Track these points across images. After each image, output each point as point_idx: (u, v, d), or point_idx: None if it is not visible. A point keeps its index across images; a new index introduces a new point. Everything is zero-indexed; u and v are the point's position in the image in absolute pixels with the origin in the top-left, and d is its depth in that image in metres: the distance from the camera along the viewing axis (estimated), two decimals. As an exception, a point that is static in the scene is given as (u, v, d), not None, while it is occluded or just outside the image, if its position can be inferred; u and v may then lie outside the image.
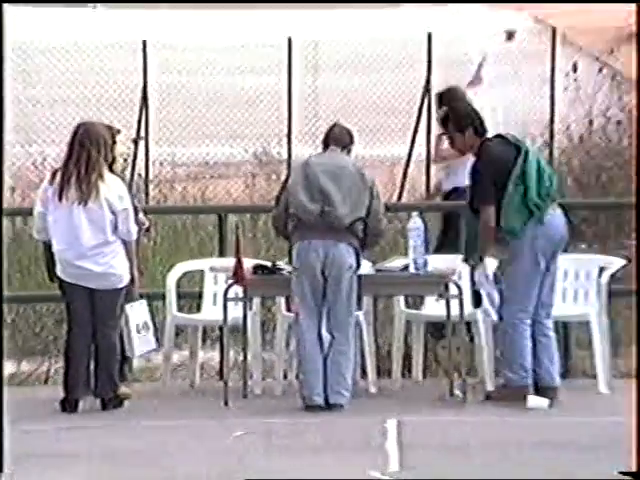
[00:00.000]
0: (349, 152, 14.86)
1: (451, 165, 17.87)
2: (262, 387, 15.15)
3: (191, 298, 16.28)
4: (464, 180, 15.75)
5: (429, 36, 26.06)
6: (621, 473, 9.98)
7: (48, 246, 15.54)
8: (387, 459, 12.53)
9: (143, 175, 25.88)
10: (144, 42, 26.22)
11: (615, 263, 15.62)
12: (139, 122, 25.69)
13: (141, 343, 15.36)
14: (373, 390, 14.88)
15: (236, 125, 30.21)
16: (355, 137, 15.35)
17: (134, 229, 14.94)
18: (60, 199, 14.65)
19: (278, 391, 15.01)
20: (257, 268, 14.86)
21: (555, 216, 14.66)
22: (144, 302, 15.41)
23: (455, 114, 15.31)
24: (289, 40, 25.90)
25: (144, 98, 25.70)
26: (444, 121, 15.44)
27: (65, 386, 14.86)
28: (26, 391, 16.07)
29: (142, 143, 26.77)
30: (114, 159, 15.63)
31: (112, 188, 14.81)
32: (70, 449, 13.61)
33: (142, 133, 27.55)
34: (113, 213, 14.68)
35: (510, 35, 34.82)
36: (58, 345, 16.46)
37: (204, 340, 16.23)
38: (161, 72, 28.01)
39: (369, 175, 15.05)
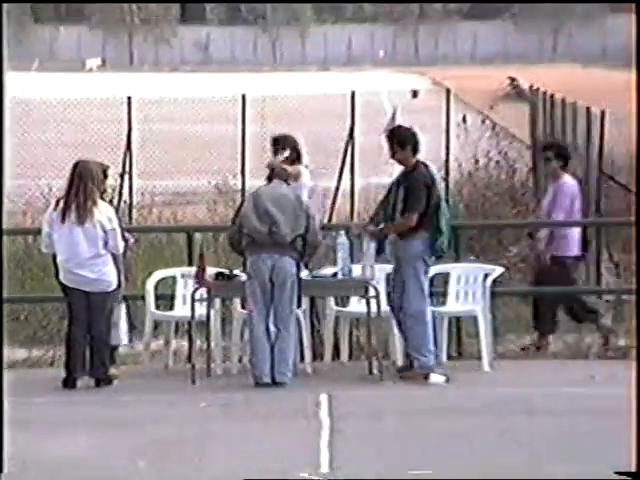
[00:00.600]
0: (288, 183, 14.96)
1: None
2: (222, 369, 15.26)
3: (165, 299, 16.18)
4: None
5: (352, 94, 26.03)
6: (621, 473, 8.74)
7: (54, 258, 15.61)
8: (320, 425, 12.74)
9: (128, 202, 25.97)
10: (129, 98, 26.23)
11: (496, 270, 15.77)
12: (124, 160, 25.82)
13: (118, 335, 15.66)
14: (309, 370, 15.00)
15: (201, 162, 30.51)
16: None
17: (121, 244, 14.99)
18: (63, 221, 14.76)
19: (234, 372, 15.17)
20: (218, 275, 14.99)
21: None
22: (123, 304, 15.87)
23: (400, 132, 15.38)
24: (243, 96, 25.89)
25: (128, 142, 25.60)
26: (390, 137, 15.36)
27: (66, 368, 14.99)
28: (36, 372, 16.24)
29: (127, 177, 26.93)
30: (105, 189, 15.95)
31: (103, 212, 14.93)
32: (69, 418, 13.86)
33: (127, 169, 27.47)
34: (104, 232, 14.75)
35: (415, 94, 34.98)
36: (61, 336, 16.36)
37: (176, 332, 16.17)
38: (142, 122, 27.98)
39: (305, 201, 15.36)
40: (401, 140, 15.17)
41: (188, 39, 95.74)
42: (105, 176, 15.75)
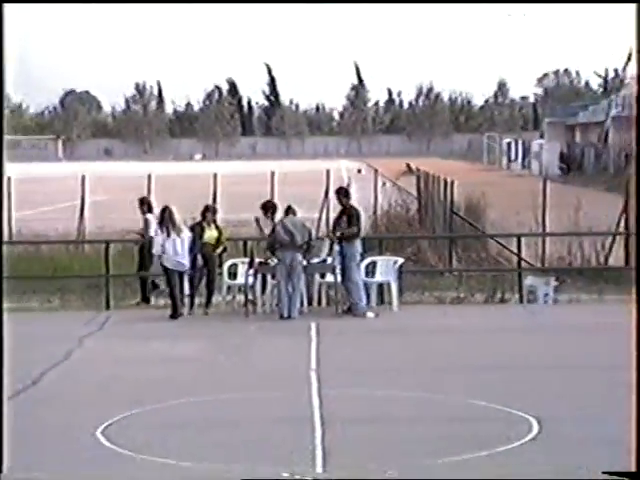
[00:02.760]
0: (295, 215, 15.62)
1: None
2: (263, 310, 15.63)
3: (233, 274, 16.05)
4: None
5: (327, 171, 24.24)
6: (621, 473, 6.42)
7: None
8: (311, 338, 13.62)
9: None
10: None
11: (399, 260, 16.16)
12: (214, 198, 21.59)
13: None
14: (306, 311, 15.40)
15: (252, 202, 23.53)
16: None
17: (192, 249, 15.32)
18: (168, 235, 15.26)
19: (268, 312, 15.50)
20: (260, 262, 15.60)
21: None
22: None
23: (342, 189, 16.28)
24: (272, 172, 23.49)
25: (214, 196, 22.00)
26: (338, 192, 16.12)
27: (173, 308, 15.35)
28: (161, 312, 15.82)
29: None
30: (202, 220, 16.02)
31: (185, 232, 15.37)
32: (181, 333, 14.52)
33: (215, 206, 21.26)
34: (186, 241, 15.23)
35: (359, 170, 35.38)
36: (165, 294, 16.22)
37: (238, 291, 16.03)
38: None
39: (307, 224, 16.00)
40: (343, 193, 16.02)
41: (243, 143, 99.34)
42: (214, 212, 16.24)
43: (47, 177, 27.40)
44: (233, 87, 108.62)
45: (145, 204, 17.01)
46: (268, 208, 16.32)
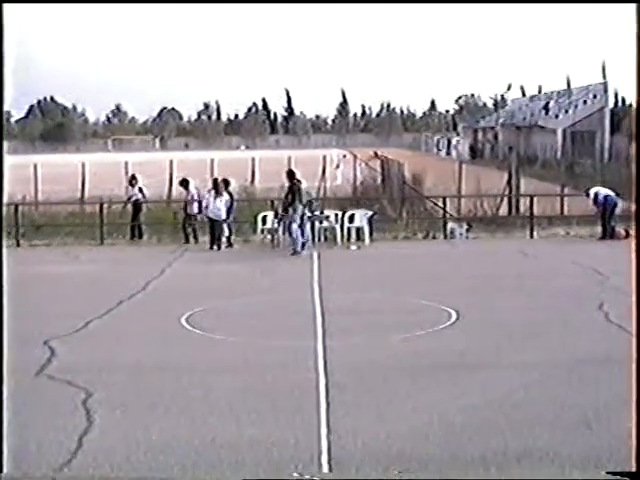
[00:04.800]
0: (301, 184, 14.55)
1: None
2: (282, 245, 14.86)
3: (264, 221, 15.37)
4: None
5: (324, 156, 23.87)
6: (621, 473, 2.70)
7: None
8: (313, 261, 13.16)
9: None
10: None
11: (370, 212, 15.90)
12: (252, 173, 20.41)
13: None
14: (311, 245, 14.58)
15: (274, 178, 22.58)
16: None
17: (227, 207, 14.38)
18: (216, 196, 14.66)
19: (283, 247, 14.70)
20: (279, 214, 14.82)
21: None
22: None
23: (290, 171, 14.82)
24: (289, 157, 22.69)
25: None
26: (288, 175, 14.55)
27: (211, 242, 14.80)
28: (201, 247, 15.08)
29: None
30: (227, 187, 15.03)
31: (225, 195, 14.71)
32: (222, 258, 14.07)
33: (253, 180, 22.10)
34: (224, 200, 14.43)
35: (344, 156, 33.73)
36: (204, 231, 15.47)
37: (269, 232, 15.39)
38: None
39: (310, 190, 15.63)
40: (290, 174, 14.49)
41: (271, 139, 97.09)
42: (226, 184, 14.98)
43: (148, 161, 27.77)
44: (264, 103, 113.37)
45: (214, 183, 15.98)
46: (288, 174, 15.19)
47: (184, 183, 16.21)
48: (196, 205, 15.20)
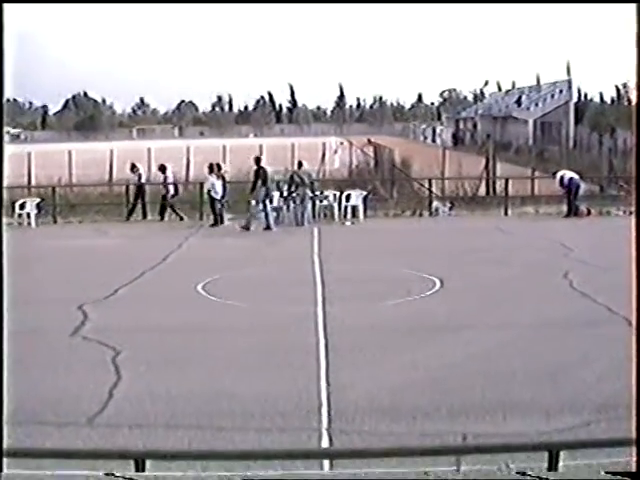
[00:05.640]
0: (303, 166, 14.45)
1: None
2: (287, 222, 14.31)
3: (270, 200, 13.99)
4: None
5: (324, 143, 22.68)
6: (621, 473, 2.26)
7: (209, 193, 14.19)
8: (314, 236, 12.70)
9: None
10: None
11: (364, 192, 15.47)
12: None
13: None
14: (312, 222, 14.30)
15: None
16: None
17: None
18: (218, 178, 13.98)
19: (291, 221, 14.27)
20: (287, 193, 14.23)
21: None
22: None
23: (257, 157, 14.20)
24: (292, 144, 22.35)
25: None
26: (255, 160, 13.97)
27: (214, 220, 13.92)
28: (225, 224, 14.41)
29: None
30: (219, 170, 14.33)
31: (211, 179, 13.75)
32: (237, 234, 13.45)
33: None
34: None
35: (342, 143, 32.85)
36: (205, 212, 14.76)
37: (274, 210, 14.21)
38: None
39: (311, 172, 14.98)
40: (256, 160, 13.98)
41: (277, 128, 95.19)
42: (219, 168, 14.28)
43: (169, 147, 27.69)
44: (271, 96, 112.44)
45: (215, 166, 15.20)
46: (255, 160, 14.48)
47: (162, 168, 15.59)
48: (172, 187, 14.89)
